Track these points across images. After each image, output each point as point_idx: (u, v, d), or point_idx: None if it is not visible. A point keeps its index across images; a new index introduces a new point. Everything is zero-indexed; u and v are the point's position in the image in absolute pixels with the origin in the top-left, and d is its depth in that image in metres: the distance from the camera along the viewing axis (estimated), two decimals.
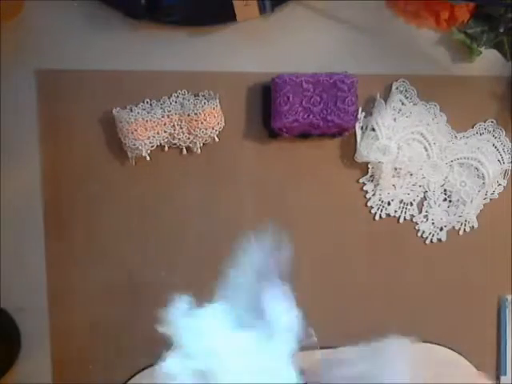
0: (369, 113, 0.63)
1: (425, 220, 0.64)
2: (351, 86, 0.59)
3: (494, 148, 0.64)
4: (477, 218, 0.64)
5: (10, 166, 0.59)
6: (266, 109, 0.61)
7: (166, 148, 0.61)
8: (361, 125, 0.62)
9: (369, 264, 0.64)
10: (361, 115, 0.62)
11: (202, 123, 0.59)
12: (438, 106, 0.64)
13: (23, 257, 0.60)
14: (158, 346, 0.61)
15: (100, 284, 0.61)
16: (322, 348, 0.62)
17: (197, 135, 0.60)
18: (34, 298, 0.60)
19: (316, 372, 0.56)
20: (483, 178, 0.63)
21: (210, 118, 0.59)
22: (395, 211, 0.64)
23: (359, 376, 0.51)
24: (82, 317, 0.60)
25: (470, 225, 0.64)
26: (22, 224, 0.60)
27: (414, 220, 0.64)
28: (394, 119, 0.62)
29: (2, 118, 0.59)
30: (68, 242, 0.60)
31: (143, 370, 0.60)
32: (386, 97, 0.63)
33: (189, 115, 0.59)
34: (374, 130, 0.62)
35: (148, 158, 0.60)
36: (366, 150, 0.62)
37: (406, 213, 0.64)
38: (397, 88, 0.63)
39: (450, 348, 0.64)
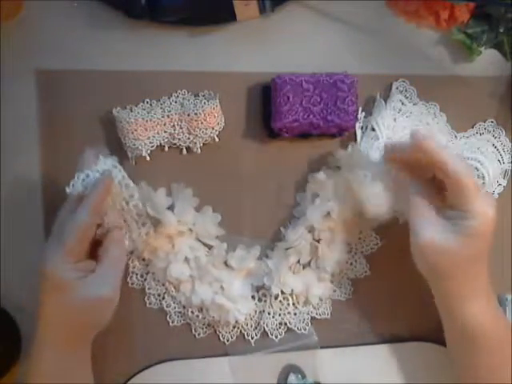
0: (369, 113, 0.63)
1: None
2: (351, 86, 0.59)
3: (493, 148, 0.64)
4: None
5: (9, 166, 0.59)
6: (266, 109, 0.61)
7: (166, 148, 0.61)
8: (361, 125, 0.62)
9: (368, 263, 0.64)
10: (361, 115, 0.62)
11: (202, 123, 0.59)
12: (438, 106, 0.64)
13: (23, 257, 0.60)
14: (158, 346, 0.61)
15: None
16: (322, 348, 0.62)
17: (197, 135, 0.60)
18: (34, 297, 0.60)
19: None
20: (483, 178, 0.63)
21: (210, 118, 0.59)
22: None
23: None
24: None
25: None
26: (21, 224, 0.60)
27: None
28: (394, 119, 0.62)
29: (2, 117, 0.59)
30: None
31: (143, 370, 0.60)
32: (385, 97, 0.63)
33: (189, 115, 0.59)
34: (373, 129, 0.62)
35: (148, 158, 0.60)
36: (365, 150, 0.61)
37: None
38: (397, 88, 0.63)
39: None
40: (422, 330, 0.64)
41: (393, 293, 0.64)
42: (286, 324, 0.62)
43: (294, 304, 0.62)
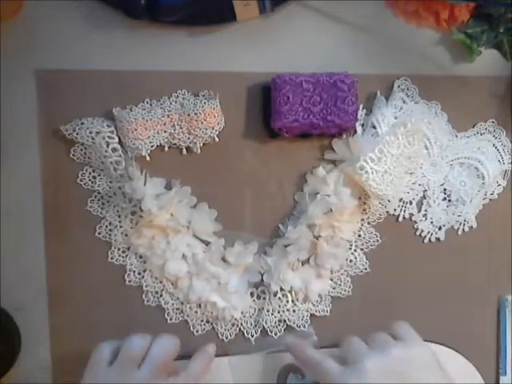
0: (369, 111, 0.63)
1: (424, 219, 0.64)
2: (351, 85, 0.59)
3: (494, 148, 0.64)
4: (476, 218, 0.64)
5: (9, 166, 0.59)
6: (266, 109, 0.61)
7: (166, 148, 0.61)
8: (361, 122, 0.62)
9: (368, 260, 0.64)
10: (362, 112, 0.62)
11: (202, 123, 0.59)
12: (439, 106, 0.64)
13: (23, 257, 0.60)
14: None
15: (100, 284, 0.61)
16: (322, 347, 0.62)
17: (197, 135, 0.60)
18: (34, 297, 0.60)
19: None
20: (483, 178, 0.63)
21: (210, 118, 0.59)
22: (394, 210, 0.64)
23: None
24: (81, 317, 0.61)
25: (469, 225, 0.64)
26: (21, 224, 0.60)
27: (413, 219, 0.64)
28: (395, 117, 0.62)
29: (1, 118, 0.59)
30: (68, 242, 0.60)
31: None
32: (386, 96, 0.63)
33: (189, 115, 0.59)
34: (374, 127, 0.62)
35: (148, 158, 0.60)
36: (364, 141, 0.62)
37: (405, 211, 0.64)
38: (398, 86, 0.63)
39: (449, 347, 0.64)
40: (421, 329, 0.64)
41: (392, 290, 0.64)
42: (285, 321, 0.62)
43: (293, 301, 0.62)
